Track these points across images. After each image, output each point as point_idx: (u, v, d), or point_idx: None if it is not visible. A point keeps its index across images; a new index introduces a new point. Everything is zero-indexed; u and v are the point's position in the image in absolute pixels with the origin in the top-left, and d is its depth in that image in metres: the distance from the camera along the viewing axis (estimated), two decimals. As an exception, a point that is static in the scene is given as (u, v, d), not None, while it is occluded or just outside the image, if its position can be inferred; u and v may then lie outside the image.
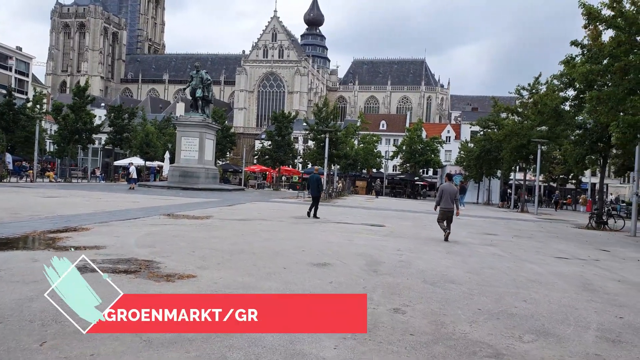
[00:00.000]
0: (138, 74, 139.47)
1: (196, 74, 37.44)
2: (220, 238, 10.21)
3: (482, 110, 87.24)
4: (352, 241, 10.80)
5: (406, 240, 11.84)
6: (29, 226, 10.43)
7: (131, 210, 15.62)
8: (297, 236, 11.23)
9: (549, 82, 29.83)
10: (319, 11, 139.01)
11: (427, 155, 51.89)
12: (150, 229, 11.04)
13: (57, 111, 41.29)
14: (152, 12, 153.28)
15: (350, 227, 14.28)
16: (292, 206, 23.26)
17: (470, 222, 19.90)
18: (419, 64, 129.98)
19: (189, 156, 35.67)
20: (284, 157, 51.82)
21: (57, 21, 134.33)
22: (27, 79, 74.06)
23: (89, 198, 20.65)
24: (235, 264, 7.46)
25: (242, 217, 15.39)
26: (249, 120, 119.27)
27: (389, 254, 9.20)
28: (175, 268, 6.81)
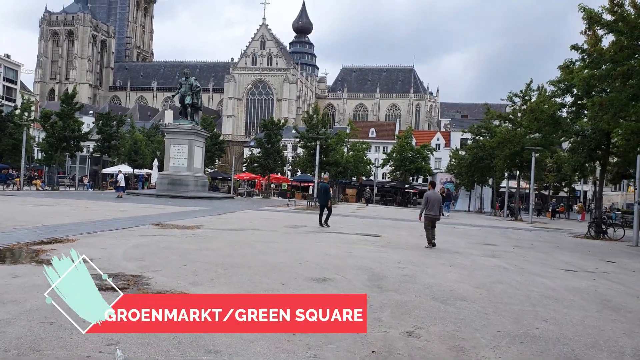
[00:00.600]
0: (126, 82, 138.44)
1: (185, 80, 36.94)
2: (213, 250, 9.73)
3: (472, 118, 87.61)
4: (350, 253, 10.37)
5: (405, 251, 11.44)
6: (12, 237, 9.87)
7: (119, 220, 15.06)
8: (292, 247, 10.78)
9: (541, 89, 29.95)
10: (308, 19, 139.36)
11: (417, 163, 51.72)
12: (139, 240, 10.53)
13: (45, 118, 40.51)
14: (141, 20, 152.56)
15: (346, 237, 13.86)
16: (284, 215, 22.81)
17: (467, 232, 19.59)
18: (408, 72, 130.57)
19: (178, 164, 35.09)
20: (274, 165, 51.36)
21: (45, 29, 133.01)
22: (16, 87, 72.96)
23: (76, 207, 20.01)
24: (230, 279, 7.00)
25: (233, 227, 14.90)
26: (238, 128, 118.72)
27: (390, 267, 8.79)
28: (166, 284, 6.33)
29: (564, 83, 18.83)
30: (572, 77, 18.12)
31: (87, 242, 9.87)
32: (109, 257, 8.13)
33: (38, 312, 4.94)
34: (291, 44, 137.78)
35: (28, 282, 6.10)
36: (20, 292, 5.73)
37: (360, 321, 3.76)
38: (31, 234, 10.61)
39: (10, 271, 6.69)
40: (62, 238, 10.18)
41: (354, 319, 3.75)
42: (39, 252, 8.36)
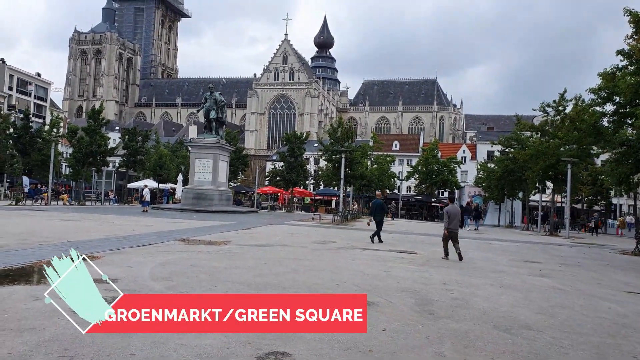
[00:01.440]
0: (152, 98, 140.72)
1: (210, 95, 36.92)
2: (243, 268, 9.16)
3: (498, 130, 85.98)
4: (389, 273, 9.67)
5: (447, 270, 10.67)
6: (35, 254, 9.49)
7: (145, 235, 14.67)
8: (326, 266, 10.13)
9: (578, 98, 28.82)
10: (329, 34, 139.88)
11: (443, 176, 50.58)
12: (166, 257, 10.04)
13: (72, 134, 40.99)
14: (166, 37, 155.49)
15: (379, 254, 13.14)
16: (310, 229, 22.19)
17: (504, 248, 18.64)
18: (431, 84, 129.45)
19: (203, 178, 34.90)
20: (297, 179, 50.87)
21: (74, 48, 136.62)
22: (45, 104, 74.60)
23: (101, 222, 19.78)
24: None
25: (261, 243, 14.34)
26: (260, 142, 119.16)
27: (437, 289, 8.07)
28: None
29: (604, 91, 17.86)
30: (614, 85, 17.17)
31: (112, 259, 9.41)
32: (135, 277, 7.63)
33: (58, 342, 4.42)
34: (313, 59, 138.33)
35: (49, 305, 5.60)
36: (41, 318, 5.24)
37: (360, 321, 3.79)
38: (55, 250, 10.22)
39: (31, 292, 6.22)
40: (87, 255, 9.74)
41: (354, 319, 3.78)
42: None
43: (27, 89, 69.81)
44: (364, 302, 3.82)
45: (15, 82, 67.65)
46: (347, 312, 3.73)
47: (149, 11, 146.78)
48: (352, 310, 3.74)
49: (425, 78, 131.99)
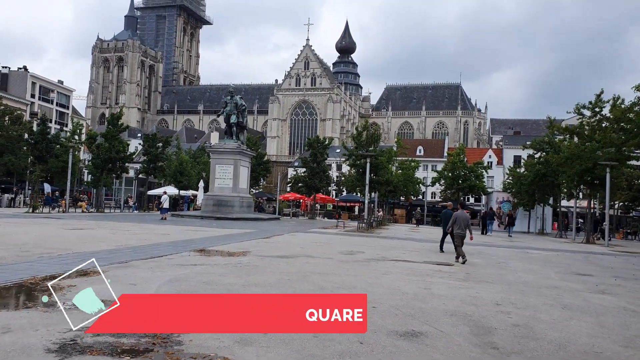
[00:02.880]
0: (174, 105, 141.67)
1: (230, 99, 36.12)
2: (262, 286, 8.03)
3: (525, 134, 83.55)
4: (430, 290, 8.41)
5: (494, 286, 9.35)
6: (31, 269, 8.52)
7: (159, 246, 13.69)
8: (357, 282, 8.92)
9: (617, 98, 27.10)
10: (351, 39, 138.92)
11: (470, 181, 48.78)
12: (177, 272, 8.97)
13: (90, 140, 40.69)
14: (187, 45, 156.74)
15: (414, 266, 11.87)
16: (335, 238, 21.00)
17: (545, 258, 17.13)
18: (455, 89, 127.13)
19: (223, 184, 34.05)
20: (319, 185, 49.70)
21: (97, 56, 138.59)
22: (67, 111, 75.25)
23: (116, 230, 18.94)
24: (288, 334, 5.22)
25: (283, 254, 13.21)
26: (282, 149, 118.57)
27: (491, 312, 6.79)
28: (204, 343, 4.64)
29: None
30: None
31: (115, 275, 8.38)
32: (137, 298, 6.54)
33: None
34: (334, 64, 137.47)
35: (19, 341, 4.54)
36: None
37: (360, 321, 3.86)
38: (55, 264, 9.26)
39: (4, 322, 5.16)
40: (88, 270, 8.73)
41: (354, 319, 3.84)
42: (53, 290, 6.86)
43: (50, 97, 70.49)
44: (364, 302, 3.95)
45: (37, 89, 68.33)
46: (347, 312, 3.82)
47: (171, 18, 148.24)
48: (352, 310, 3.83)
49: (449, 82, 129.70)
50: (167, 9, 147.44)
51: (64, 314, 5.54)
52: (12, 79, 67.27)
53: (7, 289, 6.95)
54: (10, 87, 66.11)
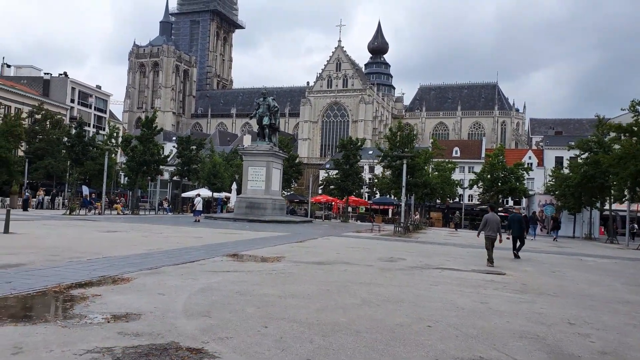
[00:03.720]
0: (207, 109, 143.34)
1: (263, 101, 35.76)
2: (301, 297, 7.30)
3: (567, 134, 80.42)
4: (487, 305, 7.50)
5: (559, 300, 8.35)
6: (58, 275, 8.06)
7: (191, 250, 13.19)
8: (404, 294, 8.08)
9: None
10: (383, 39, 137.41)
11: (511, 184, 46.91)
12: (209, 280, 8.36)
13: (126, 143, 41.11)
14: (221, 49, 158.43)
15: (462, 276, 10.93)
16: (372, 243, 20.14)
17: (603, 266, 15.81)
18: (491, 88, 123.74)
19: (256, 186, 33.67)
20: (352, 187, 48.75)
21: (134, 62, 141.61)
22: (105, 115, 76.84)
23: (149, 233, 18.64)
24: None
25: (319, 259, 12.48)
26: (313, 151, 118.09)
27: (566, 334, 5.86)
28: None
29: None
30: None
31: (143, 282, 7.82)
32: (164, 312, 5.92)
33: None
34: (367, 65, 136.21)
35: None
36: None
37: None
38: (83, 269, 8.79)
39: (17, 339, 4.58)
40: (115, 276, 8.24)
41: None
42: (77, 301, 6.34)
43: (88, 101, 72.14)
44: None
45: (77, 94, 70.05)
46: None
47: (204, 23, 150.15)
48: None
49: (485, 82, 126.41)
50: (200, 14, 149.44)
51: (84, 331, 4.98)
52: (53, 85, 69.14)
53: (29, 298, 6.45)
54: (51, 93, 67.96)
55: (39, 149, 47.57)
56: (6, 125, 41.22)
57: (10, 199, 37.00)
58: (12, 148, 41.79)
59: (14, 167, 40.41)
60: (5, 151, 38.85)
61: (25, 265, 8.92)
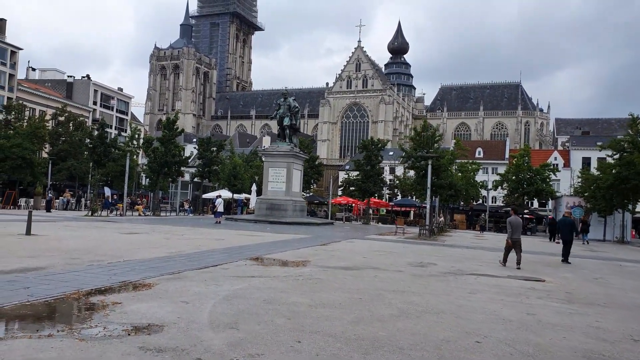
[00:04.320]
0: (227, 111, 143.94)
1: (284, 101, 35.40)
2: (333, 307, 6.80)
3: (594, 135, 78.28)
4: (535, 316, 6.88)
5: (613, 312, 7.68)
6: (77, 280, 7.71)
7: (213, 253, 12.81)
8: (444, 304, 7.50)
9: None
10: (404, 39, 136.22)
11: (537, 185, 45.66)
12: (234, 287, 7.91)
13: (147, 144, 41.21)
14: (240, 51, 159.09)
15: (499, 282, 10.29)
16: (398, 246, 19.51)
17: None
18: (514, 88, 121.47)
19: (276, 188, 33.31)
20: (374, 188, 48.01)
21: (154, 64, 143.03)
22: (127, 117, 77.66)
23: (170, 235, 18.37)
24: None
25: (346, 264, 11.97)
26: (332, 152, 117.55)
27: (635, 354, 5.23)
28: None
29: None
30: None
31: (165, 289, 7.41)
32: (188, 322, 5.47)
33: None
34: (386, 65, 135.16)
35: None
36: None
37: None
38: (104, 274, 8.44)
39: (30, 355, 4.17)
40: (137, 282, 7.85)
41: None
42: (96, 309, 5.94)
43: (110, 103, 72.95)
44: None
45: (99, 97, 70.89)
46: None
47: (224, 25, 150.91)
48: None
49: (508, 82, 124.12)
50: (220, 16, 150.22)
51: (102, 345, 4.56)
52: (76, 87, 70.11)
53: (46, 306, 6.08)
54: (74, 95, 68.91)
55: (62, 150, 48.10)
56: (30, 127, 41.72)
57: (34, 200, 37.40)
58: (36, 150, 42.30)
59: (38, 169, 40.86)
60: (30, 153, 39.30)
61: (45, 269, 8.61)
